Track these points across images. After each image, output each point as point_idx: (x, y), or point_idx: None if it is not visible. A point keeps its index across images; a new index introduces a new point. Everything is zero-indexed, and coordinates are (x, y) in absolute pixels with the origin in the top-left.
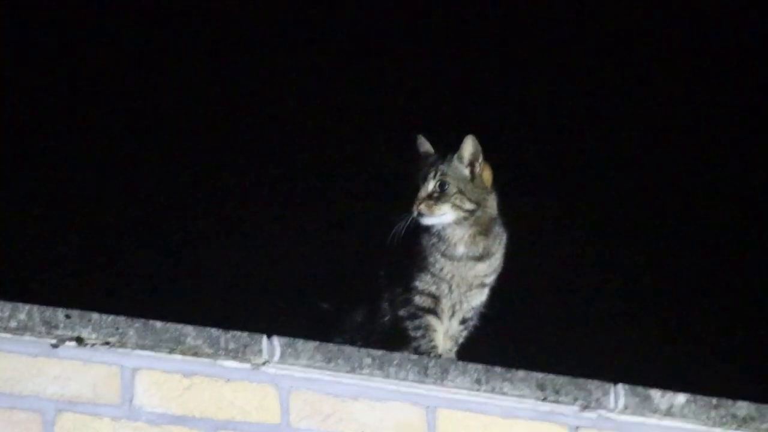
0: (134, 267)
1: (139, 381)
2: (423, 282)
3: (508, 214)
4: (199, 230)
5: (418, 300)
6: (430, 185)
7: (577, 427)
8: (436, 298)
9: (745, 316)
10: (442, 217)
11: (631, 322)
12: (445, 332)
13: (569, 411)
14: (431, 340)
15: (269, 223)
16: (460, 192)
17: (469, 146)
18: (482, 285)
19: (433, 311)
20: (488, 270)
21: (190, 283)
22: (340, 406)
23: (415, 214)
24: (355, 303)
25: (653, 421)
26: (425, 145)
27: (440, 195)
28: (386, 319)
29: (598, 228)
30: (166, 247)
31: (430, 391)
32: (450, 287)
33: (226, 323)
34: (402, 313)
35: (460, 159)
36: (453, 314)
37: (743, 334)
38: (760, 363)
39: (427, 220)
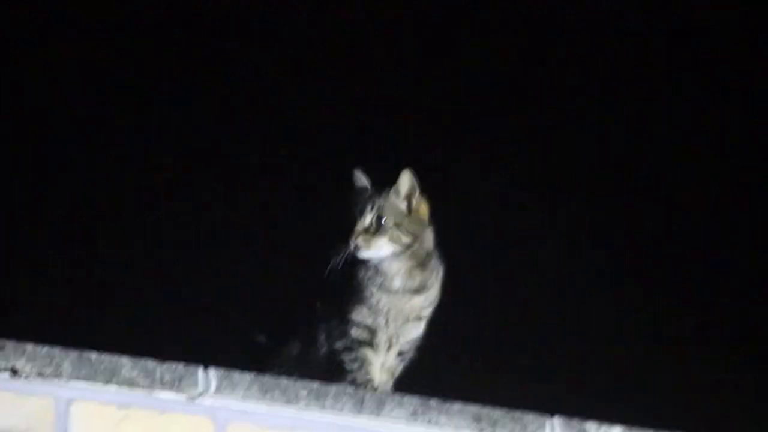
0: (69, 297)
1: (74, 412)
2: (359, 315)
3: (445, 247)
4: (134, 261)
5: (355, 332)
6: (368, 219)
7: None
8: (372, 331)
9: (680, 347)
10: (379, 250)
11: (566, 354)
12: (382, 365)
13: None
14: (367, 373)
15: (205, 255)
16: (397, 226)
17: (405, 181)
18: (419, 318)
19: (370, 344)
20: (425, 303)
21: (125, 313)
22: None
23: (352, 247)
24: (291, 335)
25: None
26: (362, 179)
27: (377, 229)
28: (323, 351)
29: (531, 260)
30: (101, 278)
31: (366, 423)
32: (387, 320)
33: (161, 355)
34: (338, 345)
35: (397, 193)
36: (389, 347)
37: (678, 365)
38: (696, 394)
39: (364, 254)
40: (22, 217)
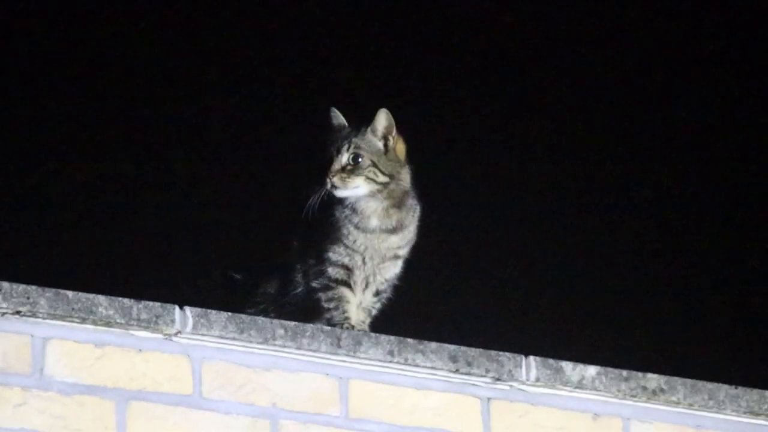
0: (45, 236)
1: (51, 351)
2: (336, 254)
3: (422, 186)
4: (111, 199)
5: (332, 272)
6: (344, 158)
7: (489, 399)
8: (349, 270)
9: (654, 288)
10: (355, 189)
11: (543, 295)
12: (359, 304)
13: (481, 383)
14: (344, 312)
15: (182, 193)
16: (374, 165)
17: (382, 119)
18: (395, 257)
19: (347, 283)
20: (401, 242)
21: (101, 252)
22: (253, 377)
23: (328, 186)
24: (268, 274)
25: (564, 392)
26: (338, 118)
27: (354, 168)
28: (299, 290)
29: (509, 200)
30: (77, 216)
31: (342, 362)
32: (363, 259)
33: (138, 293)
34: (315, 284)
35: (374, 132)
36: (366, 286)
37: (653, 306)
38: (670, 335)
39: (340, 193)
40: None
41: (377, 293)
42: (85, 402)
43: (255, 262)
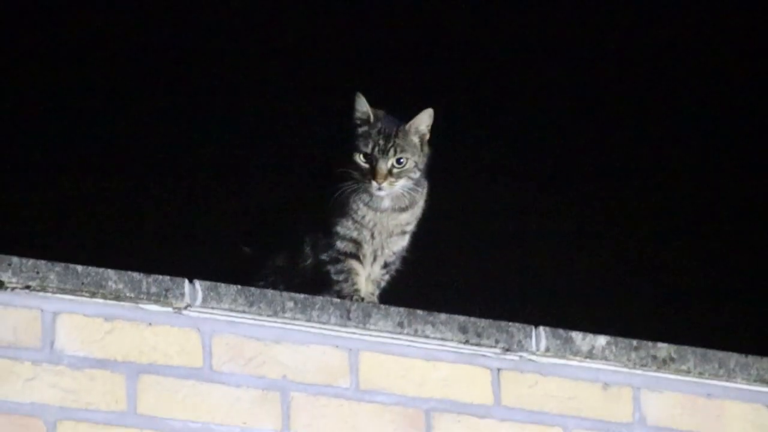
0: (55, 210)
1: (61, 325)
2: (345, 228)
3: (430, 159)
4: (121, 174)
5: (340, 245)
6: (390, 161)
7: (499, 369)
8: (357, 243)
9: (664, 257)
10: (395, 188)
11: (552, 265)
12: (368, 276)
13: (491, 353)
14: (354, 284)
15: (191, 167)
16: (415, 165)
17: (426, 119)
18: (403, 232)
19: (355, 256)
20: (410, 218)
21: (111, 226)
22: (263, 350)
23: (374, 189)
24: (277, 247)
25: (574, 362)
26: (363, 106)
27: (399, 170)
28: (308, 263)
29: (518, 171)
30: (86, 191)
31: (352, 334)
32: (372, 234)
33: (147, 267)
34: (324, 257)
35: (415, 131)
36: (375, 259)
37: (662, 275)
38: (680, 304)
39: (383, 193)
40: (8, 131)
41: (386, 265)
42: (95, 376)
43: (264, 236)
